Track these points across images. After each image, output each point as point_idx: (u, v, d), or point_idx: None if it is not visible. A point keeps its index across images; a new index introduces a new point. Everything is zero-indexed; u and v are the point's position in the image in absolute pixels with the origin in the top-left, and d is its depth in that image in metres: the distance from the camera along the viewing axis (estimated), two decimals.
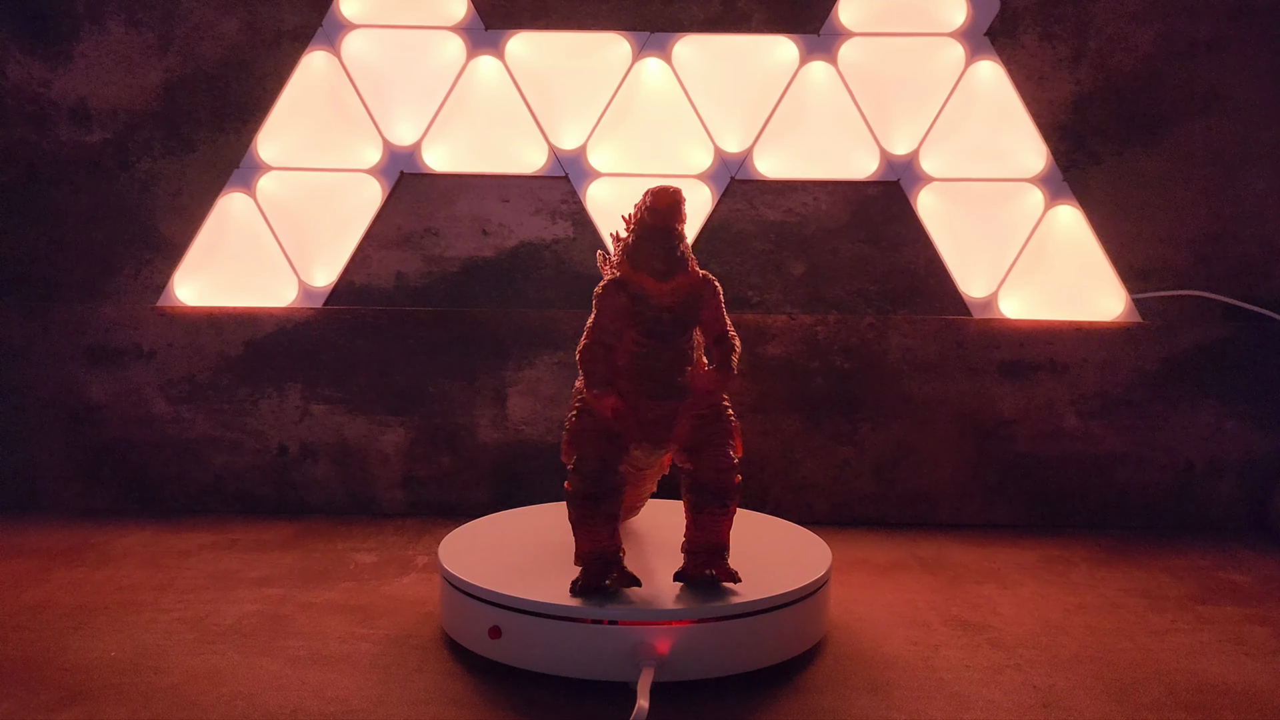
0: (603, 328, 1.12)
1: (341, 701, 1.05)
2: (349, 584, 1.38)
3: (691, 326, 1.13)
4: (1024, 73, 1.65)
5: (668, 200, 1.08)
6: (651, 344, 1.11)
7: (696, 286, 1.12)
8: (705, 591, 1.11)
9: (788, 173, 1.68)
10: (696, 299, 1.12)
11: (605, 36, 1.67)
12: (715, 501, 1.13)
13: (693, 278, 1.12)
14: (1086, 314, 1.66)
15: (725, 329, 1.15)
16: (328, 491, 1.70)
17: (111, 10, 1.68)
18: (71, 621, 1.25)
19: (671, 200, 1.08)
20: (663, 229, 1.09)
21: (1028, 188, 1.66)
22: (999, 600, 1.35)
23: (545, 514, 1.38)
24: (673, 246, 1.09)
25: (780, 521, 1.39)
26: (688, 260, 1.11)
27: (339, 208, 1.71)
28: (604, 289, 1.12)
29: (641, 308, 1.11)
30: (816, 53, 1.66)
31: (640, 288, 1.11)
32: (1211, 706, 1.07)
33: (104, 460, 1.71)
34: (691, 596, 1.10)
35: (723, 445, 1.13)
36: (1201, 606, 1.34)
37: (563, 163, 1.69)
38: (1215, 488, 1.66)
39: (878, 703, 1.06)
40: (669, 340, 1.11)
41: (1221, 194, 1.65)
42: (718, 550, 1.13)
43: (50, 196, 1.70)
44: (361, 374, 1.68)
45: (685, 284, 1.11)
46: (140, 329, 1.69)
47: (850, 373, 1.66)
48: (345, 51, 1.69)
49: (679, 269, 1.10)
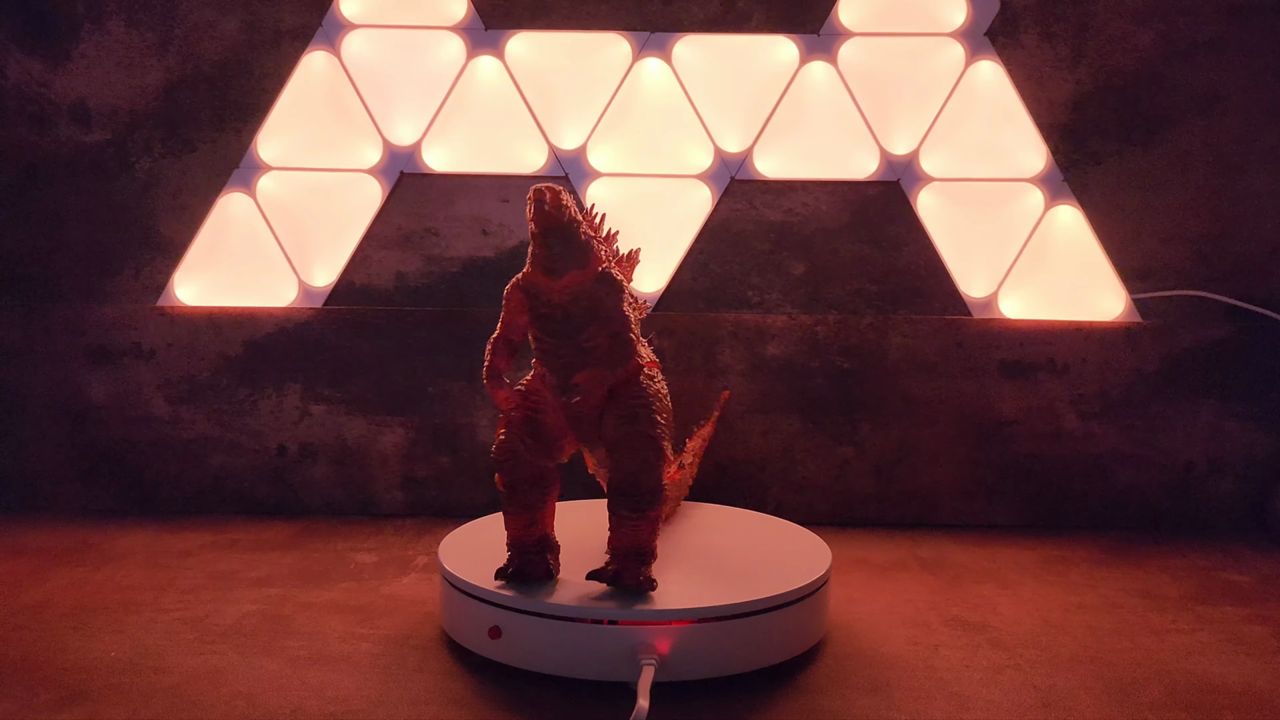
0: (505, 323, 1.15)
1: (341, 701, 1.05)
2: (349, 584, 1.38)
3: (590, 324, 1.11)
4: (1024, 73, 1.65)
5: (535, 200, 1.07)
6: (550, 341, 1.12)
7: (592, 284, 1.10)
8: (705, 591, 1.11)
9: (788, 173, 1.68)
10: (592, 296, 1.10)
11: (605, 36, 1.67)
12: (625, 504, 1.11)
13: (588, 275, 1.10)
14: (1086, 314, 1.66)
15: (618, 328, 1.11)
16: (327, 492, 1.70)
17: (111, 10, 1.68)
18: (71, 621, 1.25)
19: (536, 199, 1.07)
20: (540, 229, 1.08)
21: (1028, 188, 1.66)
22: (999, 600, 1.35)
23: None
24: (553, 245, 1.08)
25: (780, 521, 1.40)
26: (584, 257, 1.10)
27: (339, 208, 1.71)
28: (509, 286, 1.14)
29: (536, 305, 1.12)
30: (816, 53, 1.66)
31: (535, 285, 1.11)
32: (1211, 706, 1.07)
33: (104, 460, 1.71)
34: (691, 597, 1.10)
35: (638, 447, 1.11)
36: (1201, 606, 1.34)
37: (563, 163, 1.69)
38: (1215, 488, 1.66)
39: (878, 703, 1.06)
40: (565, 338, 1.11)
41: (1221, 194, 1.65)
42: (633, 555, 1.11)
43: (50, 196, 1.70)
44: (361, 374, 1.68)
45: (578, 281, 1.10)
46: (140, 329, 1.69)
47: (850, 373, 1.66)
48: (345, 51, 1.69)
49: (566, 267, 1.09)
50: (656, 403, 1.14)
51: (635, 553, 1.11)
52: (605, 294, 1.11)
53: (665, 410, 1.15)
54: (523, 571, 1.14)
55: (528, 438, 1.15)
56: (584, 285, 1.10)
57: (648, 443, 1.11)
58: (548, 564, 1.16)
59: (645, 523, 1.11)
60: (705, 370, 1.67)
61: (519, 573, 1.15)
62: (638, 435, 1.11)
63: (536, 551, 1.15)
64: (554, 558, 1.17)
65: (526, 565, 1.15)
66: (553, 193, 1.07)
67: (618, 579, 1.11)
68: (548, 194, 1.06)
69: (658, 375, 1.18)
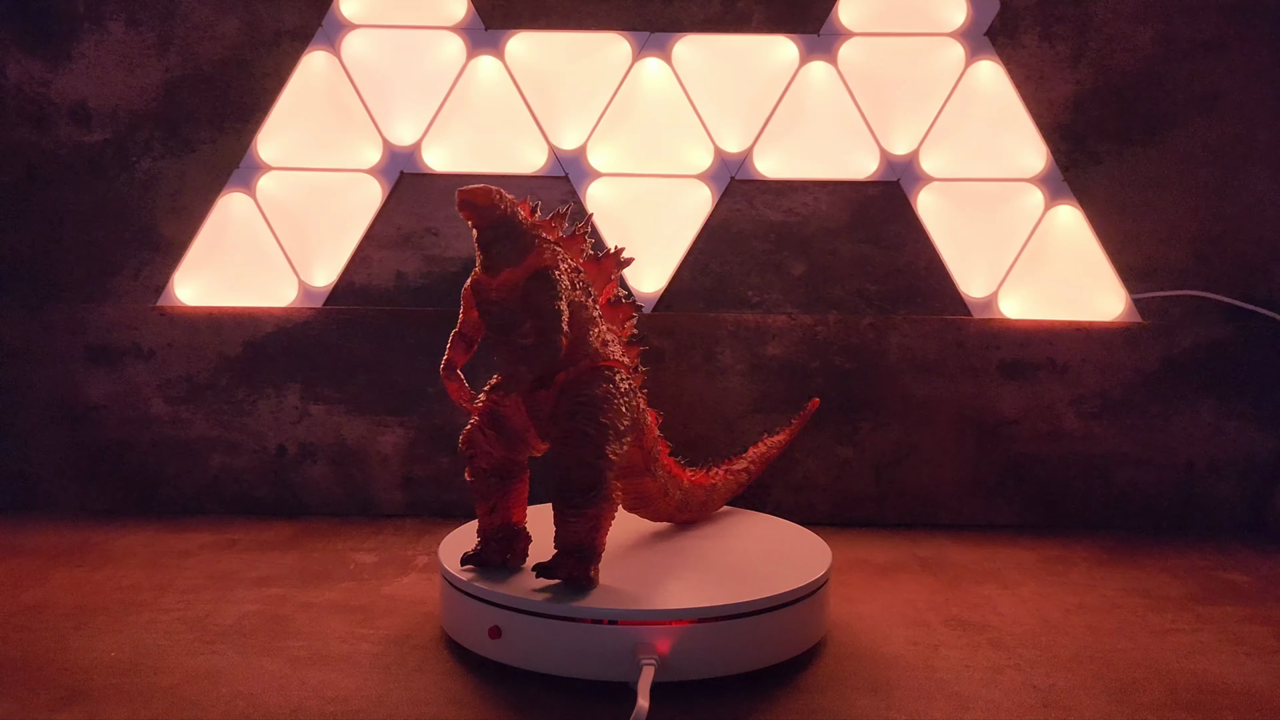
0: (461, 318, 1.20)
1: (341, 701, 1.05)
2: (349, 584, 1.38)
3: (524, 321, 1.11)
4: (1024, 73, 1.65)
5: (461, 201, 1.09)
6: (493, 337, 1.15)
7: (525, 281, 1.11)
8: (704, 592, 1.11)
9: (788, 173, 1.68)
10: (525, 292, 1.11)
11: (605, 36, 1.67)
12: (561, 501, 1.11)
13: (523, 272, 1.11)
14: (1086, 314, 1.66)
15: (545, 324, 1.10)
16: (327, 492, 1.70)
17: (111, 10, 1.68)
18: (71, 621, 1.24)
19: (462, 200, 1.09)
20: (474, 228, 1.12)
21: (1028, 188, 1.66)
22: (999, 600, 1.35)
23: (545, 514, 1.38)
24: (487, 243, 1.11)
25: (780, 521, 1.40)
26: (519, 255, 1.11)
27: (339, 208, 1.71)
28: (466, 283, 1.17)
29: (481, 301, 1.14)
30: (816, 53, 1.66)
31: (478, 282, 1.14)
32: (1211, 706, 1.07)
33: (104, 460, 1.71)
34: (691, 597, 1.10)
35: (574, 444, 1.11)
36: (1201, 606, 1.34)
37: (563, 163, 1.69)
38: (1215, 488, 1.66)
39: (878, 703, 1.06)
40: (503, 334, 1.13)
41: (1221, 194, 1.65)
42: (573, 552, 1.12)
43: (50, 196, 1.70)
44: (361, 374, 1.68)
45: (514, 278, 1.11)
46: (140, 329, 1.69)
47: (850, 373, 1.66)
48: (345, 51, 1.69)
49: (501, 264, 1.11)
50: (605, 402, 1.13)
51: (575, 550, 1.12)
52: (537, 290, 1.10)
53: (615, 411, 1.14)
54: (480, 557, 1.18)
55: (489, 429, 1.17)
56: (519, 282, 1.11)
57: (583, 440, 1.11)
58: (504, 553, 1.18)
59: (583, 520, 1.11)
60: (705, 370, 1.67)
61: (477, 558, 1.18)
62: (575, 432, 1.12)
63: (497, 539, 1.18)
64: (520, 547, 1.19)
65: (486, 552, 1.18)
66: (484, 193, 1.09)
67: (550, 573, 1.12)
68: (478, 195, 1.09)
69: (620, 374, 1.17)
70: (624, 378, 1.17)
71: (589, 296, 1.17)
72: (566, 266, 1.14)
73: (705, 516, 1.40)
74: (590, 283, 1.19)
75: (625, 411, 1.15)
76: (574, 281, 1.15)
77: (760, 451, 1.46)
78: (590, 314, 1.16)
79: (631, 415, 1.17)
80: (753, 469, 1.44)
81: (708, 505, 1.38)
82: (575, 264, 1.17)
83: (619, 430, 1.13)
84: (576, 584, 1.11)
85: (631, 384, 1.19)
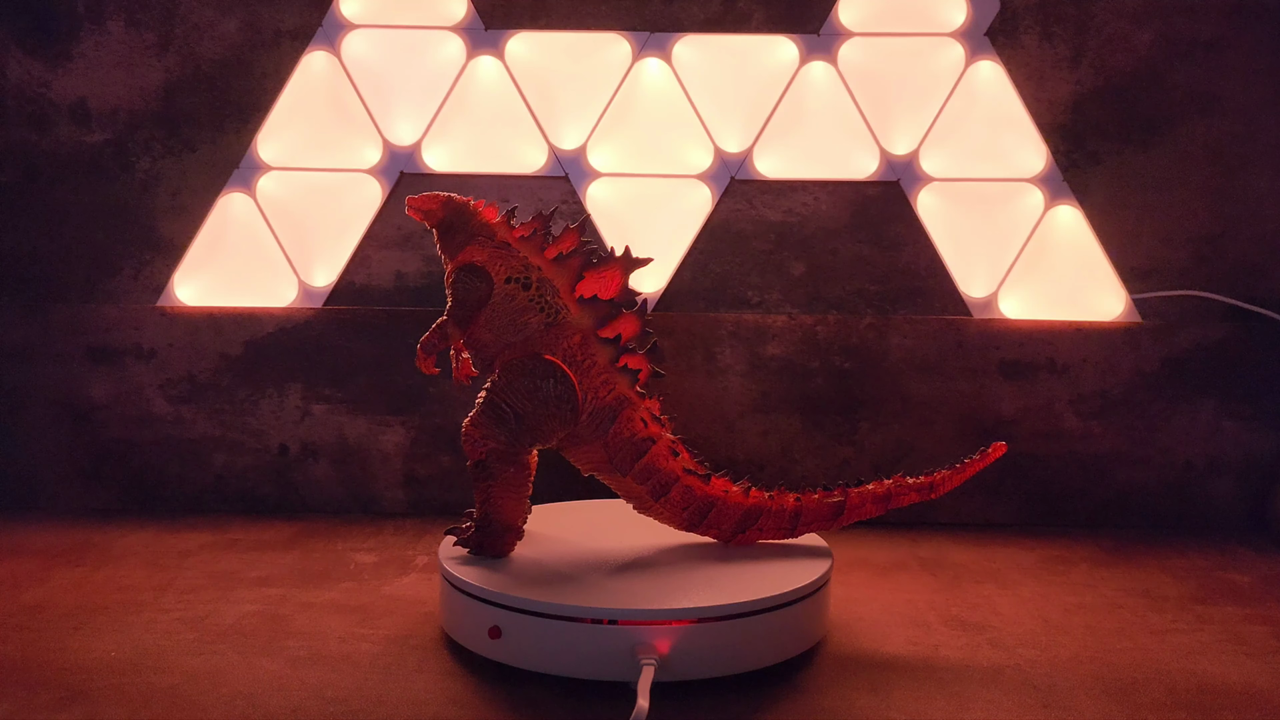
0: None
1: (341, 701, 1.05)
2: (349, 584, 1.38)
3: None
4: (1024, 73, 1.65)
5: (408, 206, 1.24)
6: None
7: (453, 270, 1.22)
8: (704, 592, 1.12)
9: (788, 173, 1.68)
10: (450, 281, 1.23)
11: (605, 36, 1.67)
12: None
13: (455, 265, 1.22)
14: (1086, 314, 1.66)
15: (449, 305, 1.22)
16: (328, 491, 1.70)
17: (111, 10, 1.68)
18: (71, 621, 1.25)
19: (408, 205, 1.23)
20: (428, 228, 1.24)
21: (1028, 188, 1.66)
22: (999, 600, 1.35)
23: (545, 514, 1.38)
24: (436, 238, 1.24)
25: None
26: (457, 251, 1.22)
27: (339, 208, 1.71)
28: None
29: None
30: (816, 53, 1.66)
31: None
32: (1211, 706, 1.07)
33: (104, 460, 1.71)
34: (691, 597, 1.10)
35: (473, 420, 1.20)
36: (1201, 606, 1.34)
37: (563, 163, 1.69)
38: (1214, 488, 1.66)
39: (878, 703, 1.06)
40: None
41: (1221, 194, 1.65)
42: (480, 521, 1.21)
43: (50, 196, 1.71)
44: (361, 374, 1.68)
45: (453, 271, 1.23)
46: (140, 329, 1.69)
47: (850, 373, 1.66)
48: (345, 51, 1.69)
49: (447, 256, 1.24)
50: (506, 393, 1.19)
51: (481, 519, 1.21)
52: (455, 281, 1.21)
53: (516, 394, 1.18)
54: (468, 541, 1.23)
55: None
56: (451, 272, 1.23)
57: (475, 419, 1.20)
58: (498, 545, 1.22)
59: (478, 492, 1.20)
60: (705, 370, 1.67)
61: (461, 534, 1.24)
62: (476, 410, 1.21)
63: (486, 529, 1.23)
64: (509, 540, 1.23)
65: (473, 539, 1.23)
66: (425, 199, 1.22)
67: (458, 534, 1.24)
68: (418, 201, 1.23)
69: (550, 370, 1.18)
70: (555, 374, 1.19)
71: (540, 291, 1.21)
72: (509, 265, 1.21)
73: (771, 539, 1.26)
74: (552, 278, 1.21)
75: (535, 402, 1.18)
76: (515, 277, 1.21)
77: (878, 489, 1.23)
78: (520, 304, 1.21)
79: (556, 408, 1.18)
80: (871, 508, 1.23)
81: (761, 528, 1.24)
82: (532, 262, 1.21)
83: (518, 414, 1.19)
84: (480, 552, 1.21)
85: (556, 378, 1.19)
